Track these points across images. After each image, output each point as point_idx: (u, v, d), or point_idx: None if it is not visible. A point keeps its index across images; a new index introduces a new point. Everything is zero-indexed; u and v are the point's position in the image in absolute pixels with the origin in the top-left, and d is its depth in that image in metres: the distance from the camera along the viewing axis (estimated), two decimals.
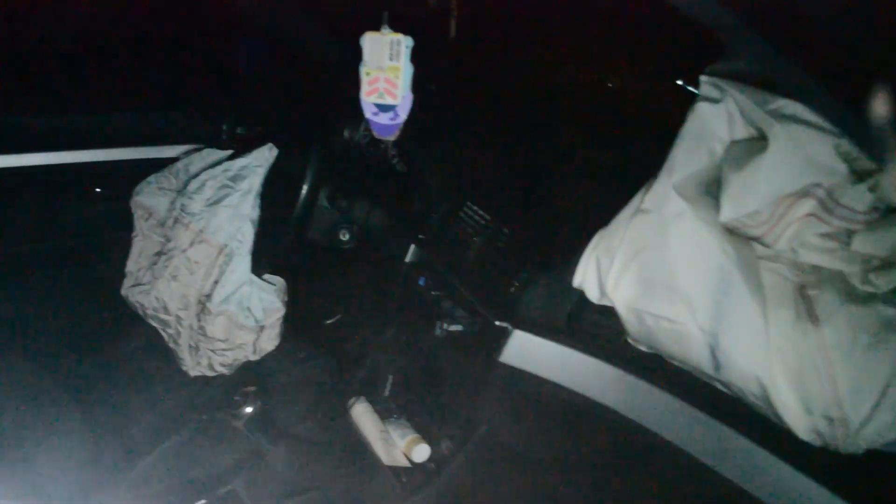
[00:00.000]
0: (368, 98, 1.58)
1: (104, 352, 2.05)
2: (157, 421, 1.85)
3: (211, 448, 1.84)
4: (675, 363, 1.48)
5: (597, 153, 1.76)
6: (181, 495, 1.75)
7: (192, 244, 1.93)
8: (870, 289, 1.35)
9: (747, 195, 1.35)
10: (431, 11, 1.50)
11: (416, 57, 1.54)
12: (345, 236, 2.15)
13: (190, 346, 2.02)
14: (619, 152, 1.69)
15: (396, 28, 1.53)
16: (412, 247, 2.00)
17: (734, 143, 1.43)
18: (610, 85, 1.86)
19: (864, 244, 1.34)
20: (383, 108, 1.59)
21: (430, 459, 1.87)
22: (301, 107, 2.15)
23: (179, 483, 1.76)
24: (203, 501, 1.75)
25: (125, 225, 2.18)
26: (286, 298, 2.06)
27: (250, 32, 2.27)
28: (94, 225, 2.36)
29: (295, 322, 2.11)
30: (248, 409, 1.80)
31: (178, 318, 1.97)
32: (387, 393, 2.03)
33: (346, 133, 2.12)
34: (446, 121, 2.00)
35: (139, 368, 2.00)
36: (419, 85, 1.60)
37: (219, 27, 2.28)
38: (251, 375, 2.01)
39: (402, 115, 1.58)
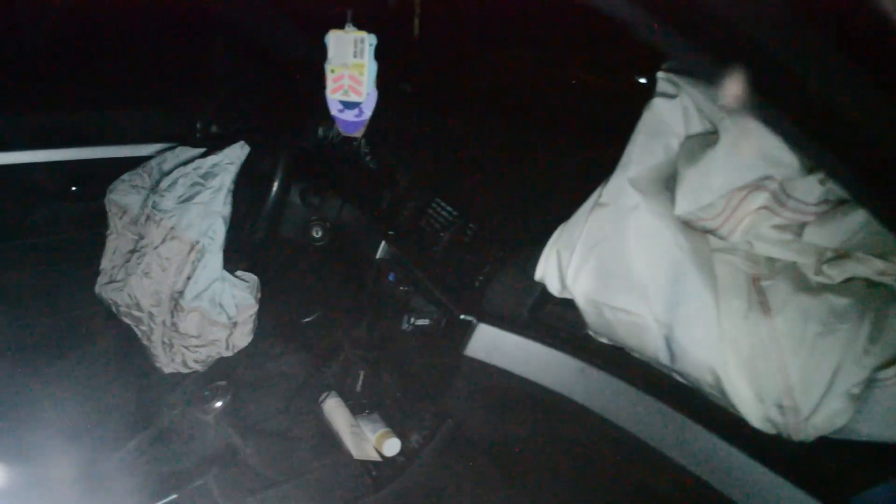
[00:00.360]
0: (333, 95, 1.60)
1: (78, 349, 2.06)
2: (128, 417, 1.86)
3: (183, 443, 1.85)
4: (636, 355, 1.51)
5: (560, 148, 1.78)
6: (153, 490, 1.76)
7: (163, 241, 1.94)
8: (823, 280, 1.38)
9: (700, 189, 1.38)
10: (392, 10, 1.52)
11: (381, 55, 1.55)
12: (317, 233, 2.17)
13: (164, 343, 2.03)
14: (582, 148, 1.71)
15: (361, 26, 1.54)
16: (382, 243, 2.02)
17: (689, 137, 1.45)
18: (573, 82, 1.88)
19: (815, 235, 1.36)
20: (348, 104, 1.61)
21: (401, 453, 1.89)
22: (273, 105, 2.16)
23: (151, 478, 1.78)
24: (174, 496, 1.76)
25: (101, 223, 2.20)
26: (259, 295, 2.08)
27: (224, 32, 2.28)
28: (70, 223, 2.38)
29: (269, 319, 2.13)
30: (218, 404, 1.82)
31: (151, 315, 1.99)
32: (358, 388, 2.05)
33: (320, 131, 2.14)
34: (416, 118, 2.02)
35: (112, 366, 2.02)
36: (394, 85, 1.63)
37: (193, 27, 2.29)
38: (225, 371, 2.03)
39: (367, 112, 1.60)
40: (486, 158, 1.92)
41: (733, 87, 0.66)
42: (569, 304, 1.54)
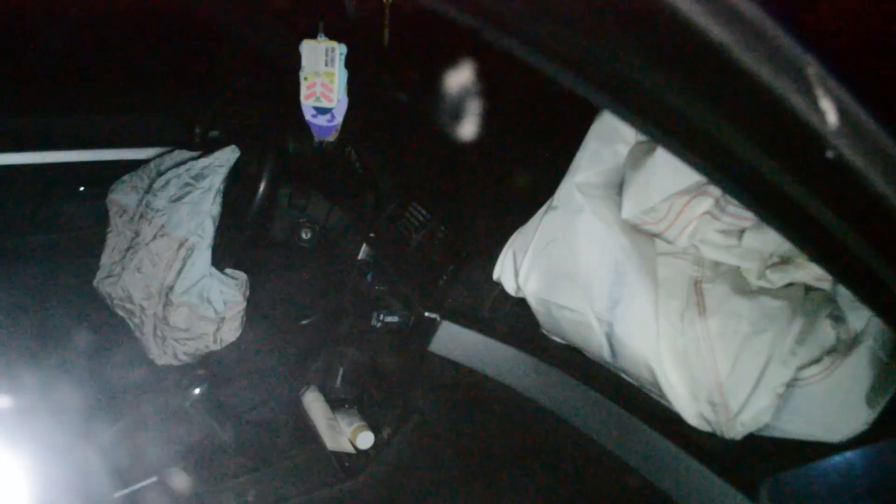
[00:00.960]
0: (307, 101, 1.69)
1: (75, 339, 2.17)
2: (113, 402, 1.96)
3: (164, 429, 1.95)
4: (587, 354, 1.57)
5: (531, 154, 1.85)
6: (134, 473, 1.86)
7: (154, 238, 2.05)
8: (764, 284, 1.43)
9: (643, 193, 1.44)
10: (352, 20, 1.61)
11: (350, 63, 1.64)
12: (305, 234, 2.26)
13: (156, 336, 2.13)
14: (553, 154, 1.77)
15: (332, 36, 1.63)
16: (364, 245, 2.10)
17: (638, 143, 1.51)
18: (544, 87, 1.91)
19: (753, 240, 1.42)
20: (321, 110, 1.69)
21: (373, 446, 1.96)
22: (266, 110, 2.26)
23: (133, 461, 1.87)
24: (154, 478, 1.86)
25: (104, 221, 2.32)
26: (247, 292, 2.17)
27: (225, 41, 2.39)
28: (77, 220, 2.50)
29: (257, 316, 2.22)
30: (197, 391, 1.90)
31: (142, 308, 2.09)
32: (338, 384, 2.12)
33: (316, 138, 2.23)
34: (406, 126, 2.10)
35: (104, 354, 2.12)
36: (389, 93, 1.71)
37: (195, 36, 2.41)
38: (212, 364, 2.12)
39: (338, 118, 1.69)
40: (461, 165, 1.99)
41: None
42: (524, 304, 1.60)
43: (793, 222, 0.85)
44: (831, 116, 0.68)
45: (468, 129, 1.97)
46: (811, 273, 1.39)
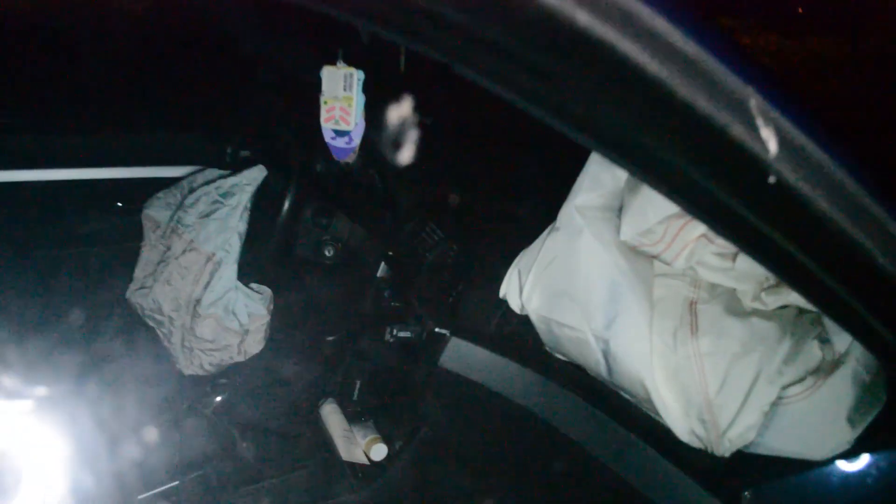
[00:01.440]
0: (326, 124, 1.78)
1: (107, 349, 2.28)
2: (139, 409, 2.06)
3: (188, 436, 2.04)
4: (587, 371, 1.62)
5: (535, 177, 1.92)
6: (159, 477, 1.95)
7: (183, 252, 2.15)
8: (758, 305, 1.48)
9: (639, 216, 1.50)
10: (365, 46, 1.70)
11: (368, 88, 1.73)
12: (329, 252, 2.35)
13: (184, 347, 2.23)
14: (556, 175, 1.84)
15: (350, 62, 1.73)
16: (382, 263, 2.18)
17: None
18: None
19: (745, 263, 1.47)
20: (339, 132, 1.79)
21: (387, 458, 2.03)
22: (292, 132, 2.36)
23: (156, 466, 1.96)
24: (177, 483, 1.95)
25: (140, 235, 2.44)
26: (272, 307, 2.26)
27: (254, 65, 2.51)
28: (114, 235, 2.63)
29: (282, 330, 2.31)
30: (218, 399, 1.99)
31: (171, 319, 2.19)
32: (355, 397, 2.20)
33: (341, 160, 2.33)
34: (427, 149, 2.19)
35: (133, 363, 2.23)
36: (416, 117, 1.80)
37: (227, 61, 2.55)
38: (234, 374, 2.21)
39: (356, 140, 1.78)
40: (474, 188, 2.07)
41: None
42: (529, 321, 1.67)
43: (752, 244, 0.91)
44: (772, 144, 0.74)
45: (478, 153, 2.06)
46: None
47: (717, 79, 0.69)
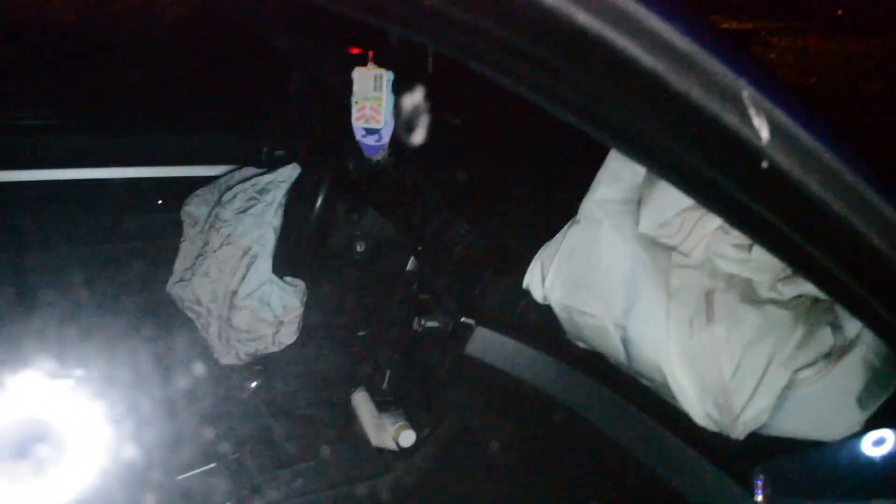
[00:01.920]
0: (357, 123, 1.86)
1: (148, 337, 2.38)
2: (178, 394, 2.16)
3: (226, 419, 2.13)
4: (607, 358, 1.68)
5: (558, 171, 1.98)
6: (197, 457, 2.04)
7: (221, 246, 2.25)
8: (774, 295, 1.52)
9: (657, 208, 1.55)
10: (395, 48, 1.78)
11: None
12: (360, 247, 2.42)
13: (220, 337, 2.33)
14: (578, 171, 1.90)
15: (381, 64, 1.80)
16: (412, 257, 2.26)
17: None
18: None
19: (762, 254, 1.51)
20: (370, 131, 1.86)
21: (415, 444, 2.10)
22: (328, 131, 2.45)
23: (194, 448, 2.06)
24: (214, 464, 2.04)
25: (179, 231, 2.54)
26: (305, 299, 2.35)
27: (289, 68, 2.60)
28: (155, 231, 2.74)
29: (314, 322, 2.40)
30: (253, 384, 2.08)
31: (209, 310, 2.29)
32: (385, 386, 2.27)
33: (372, 158, 2.41)
34: (444, 147, 2.26)
35: (172, 352, 2.33)
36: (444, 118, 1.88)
37: (265, 64, 2.65)
38: (269, 362, 2.30)
39: (385, 138, 1.86)
40: (500, 182, 2.14)
41: None
42: (551, 310, 1.73)
43: (756, 230, 0.96)
44: (764, 131, 0.80)
45: (503, 150, 2.12)
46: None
47: (708, 70, 0.75)
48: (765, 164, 0.81)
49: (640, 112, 0.78)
